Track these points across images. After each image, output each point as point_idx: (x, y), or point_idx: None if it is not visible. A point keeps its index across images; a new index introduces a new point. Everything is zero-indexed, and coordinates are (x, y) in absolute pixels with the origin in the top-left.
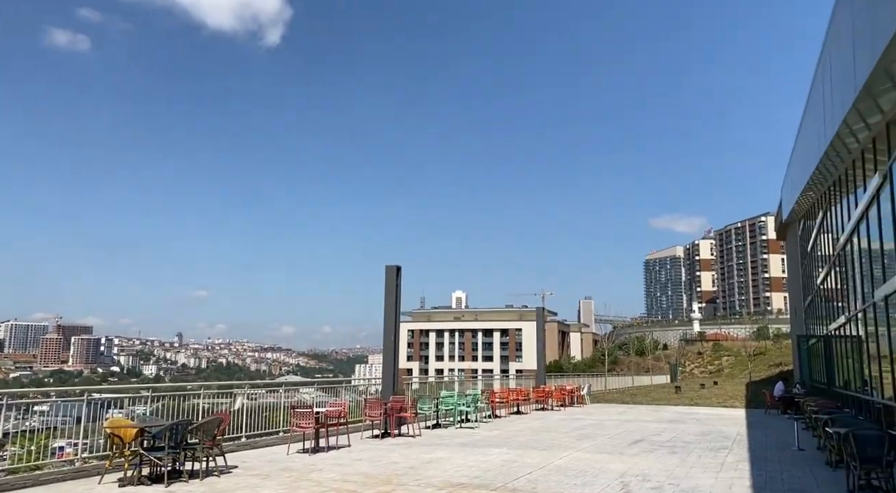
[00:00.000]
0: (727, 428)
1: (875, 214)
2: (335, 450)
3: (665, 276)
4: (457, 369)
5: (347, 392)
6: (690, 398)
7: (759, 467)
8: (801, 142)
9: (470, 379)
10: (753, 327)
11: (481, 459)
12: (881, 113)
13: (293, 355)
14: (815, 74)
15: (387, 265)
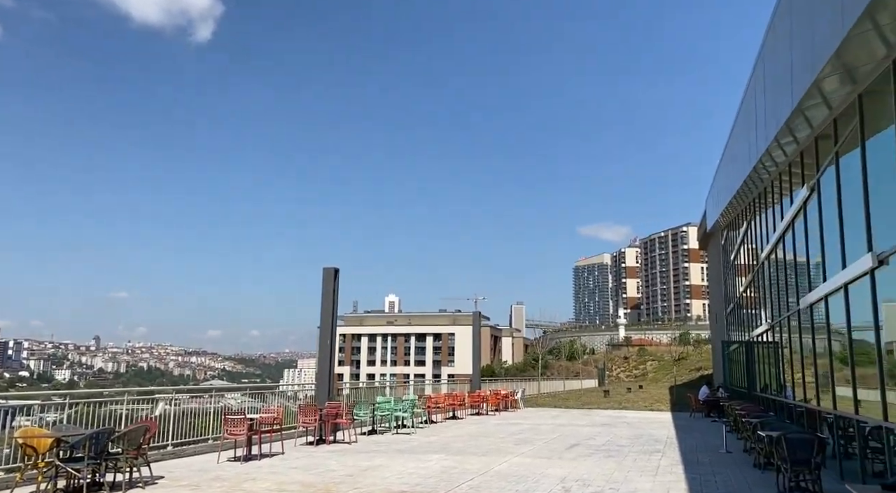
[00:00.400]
0: (657, 432)
1: (801, 226)
2: (269, 458)
3: (593, 282)
4: (389, 374)
5: (276, 398)
6: (619, 402)
7: (693, 469)
8: (728, 155)
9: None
10: (675, 332)
11: (421, 466)
12: (811, 128)
13: (219, 360)
14: (746, 89)
15: (324, 267)
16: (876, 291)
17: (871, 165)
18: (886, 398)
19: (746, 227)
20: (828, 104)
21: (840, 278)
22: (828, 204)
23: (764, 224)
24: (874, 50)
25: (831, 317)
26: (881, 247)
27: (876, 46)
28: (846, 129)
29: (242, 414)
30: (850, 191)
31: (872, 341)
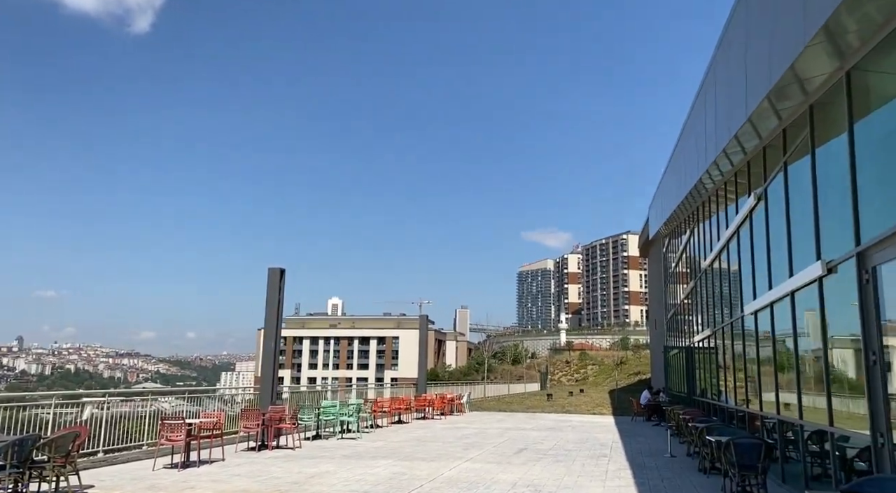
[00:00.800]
0: (602, 435)
1: (747, 234)
2: (208, 464)
3: (536, 287)
4: (331, 377)
5: (214, 402)
6: (562, 406)
7: (640, 474)
8: (673, 164)
9: (344, 387)
10: (615, 337)
11: (369, 472)
12: (759, 139)
13: (152, 362)
14: (695, 100)
15: (270, 268)
16: (824, 299)
17: (820, 175)
18: (832, 404)
19: (689, 235)
20: (778, 116)
21: (787, 285)
22: (775, 213)
23: (707, 232)
24: (828, 63)
25: (776, 324)
26: (830, 255)
27: (830, 60)
28: (795, 139)
29: (181, 419)
30: (799, 200)
31: (816, 348)
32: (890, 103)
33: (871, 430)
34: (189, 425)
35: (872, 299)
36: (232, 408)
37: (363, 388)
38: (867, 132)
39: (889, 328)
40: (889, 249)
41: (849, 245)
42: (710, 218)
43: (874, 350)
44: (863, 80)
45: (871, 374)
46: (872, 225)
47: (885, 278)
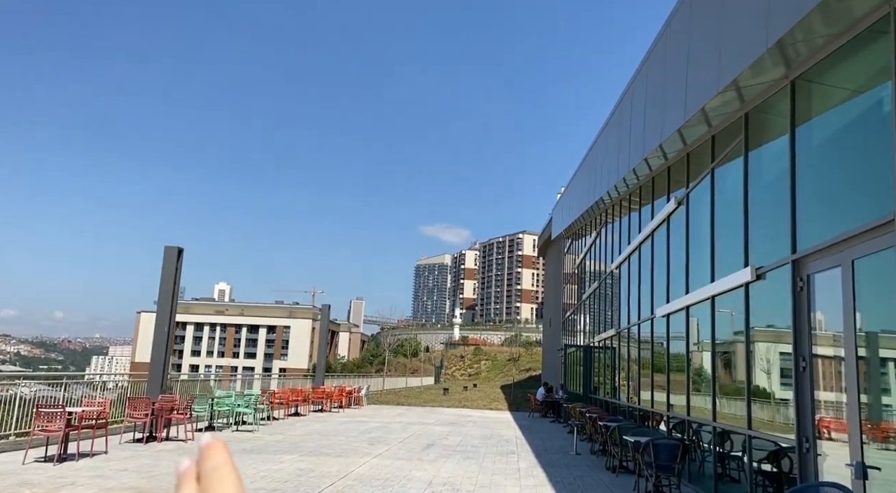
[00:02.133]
0: (504, 432)
1: (663, 238)
2: (89, 458)
3: (433, 281)
4: (215, 365)
5: (80, 388)
6: (459, 401)
7: (552, 473)
8: (586, 166)
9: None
10: (507, 334)
11: (273, 468)
12: (684, 144)
13: (12, 342)
14: (618, 103)
15: (166, 246)
16: (749, 305)
17: (752, 182)
18: (751, 406)
19: (595, 236)
20: (709, 123)
21: (708, 290)
22: (697, 218)
23: (616, 235)
24: (774, 71)
25: (692, 327)
26: (758, 262)
27: (777, 69)
28: (725, 146)
29: (61, 407)
30: (725, 206)
31: (734, 353)
32: (828, 113)
33: (797, 435)
34: (69, 414)
35: (805, 306)
36: (103, 395)
37: (249, 377)
38: (807, 140)
39: (818, 337)
40: (827, 257)
41: (781, 253)
42: (620, 221)
43: (804, 357)
44: (806, 90)
45: (800, 380)
46: (809, 233)
47: (819, 287)
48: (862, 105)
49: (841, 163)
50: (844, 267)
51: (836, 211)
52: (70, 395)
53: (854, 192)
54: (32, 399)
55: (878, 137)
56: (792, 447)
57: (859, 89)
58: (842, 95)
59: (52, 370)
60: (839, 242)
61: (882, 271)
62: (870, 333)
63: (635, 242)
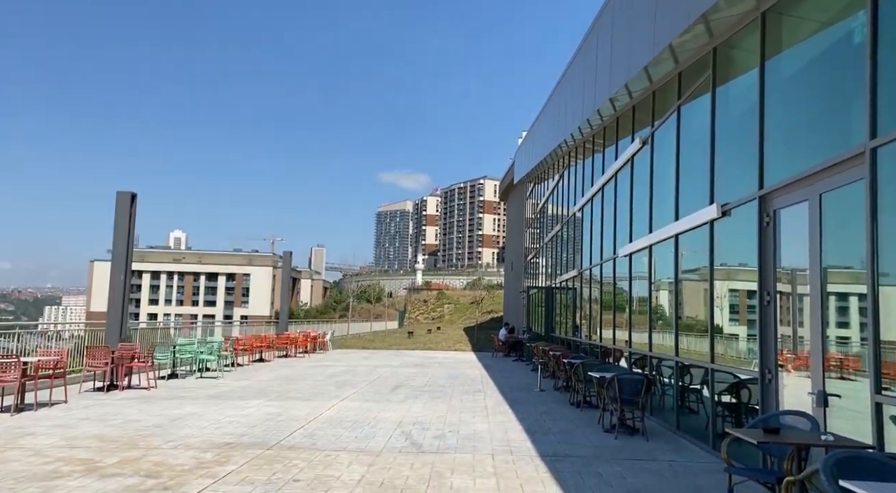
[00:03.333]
0: (469, 372)
1: (626, 178)
2: (48, 408)
3: (395, 228)
4: (174, 314)
5: (34, 338)
6: (423, 343)
7: (519, 409)
8: (549, 111)
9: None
10: (468, 278)
11: (240, 413)
12: (650, 82)
13: None
14: (580, 47)
15: (119, 192)
16: (714, 242)
17: (719, 118)
18: (714, 341)
19: (559, 179)
20: (676, 59)
21: (672, 228)
22: (662, 157)
23: (578, 177)
24: (746, 3)
25: (655, 266)
26: (724, 199)
27: (749, 0)
28: (691, 83)
29: (15, 357)
30: (690, 144)
31: (697, 290)
32: (798, 46)
33: (759, 367)
34: (25, 364)
35: (771, 242)
36: (59, 345)
37: (209, 325)
38: (776, 74)
39: (782, 273)
40: (794, 192)
41: (748, 189)
42: (583, 163)
43: (769, 291)
44: (776, 22)
45: (764, 314)
46: (777, 169)
47: (784, 221)
48: (833, 37)
49: (811, 97)
50: (812, 201)
51: (805, 146)
52: (23, 346)
53: (824, 126)
54: None
55: (849, 69)
56: (752, 379)
57: (830, 21)
58: (812, 27)
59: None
60: (808, 177)
61: (850, 204)
62: (833, 267)
63: (598, 183)
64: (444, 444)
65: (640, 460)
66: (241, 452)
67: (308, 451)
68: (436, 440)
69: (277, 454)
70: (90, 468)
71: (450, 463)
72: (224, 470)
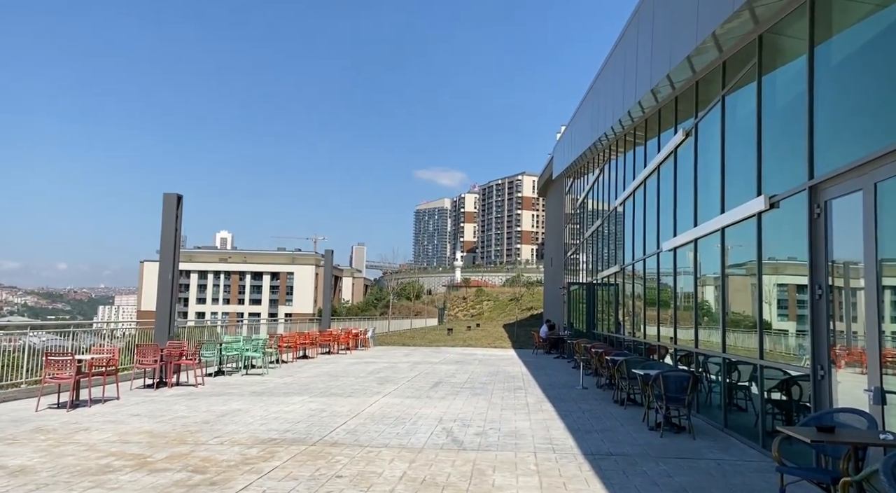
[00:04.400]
0: (510, 368)
1: (669, 171)
2: (101, 404)
3: (433, 226)
4: (221, 312)
5: (89, 336)
6: (463, 340)
7: (561, 407)
8: (588, 104)
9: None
10: (507, 275)
11: (285, 409)
12: (692, 72)
13: (18, 294)
14: (619, 39)
15: (165, 194)
16: (761, 234)
17: (766, 108)
18: (763, 337)
19: (599, 173)
20: (720, 48)
21: (717, 222)
22: (707, 148)
23: (619, 171)
24: None
25: (701, 259)
26: (772, 190)
27: None
28: (736, 71)
29: (70, 355)
30: (736, 134)
31: (746, 284)
32: (849, 30)
33: (811, 363)
34: (79, 361)
35: (822, 233)
36: (111, 343)
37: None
38: (826, 60)
39: (834, 266)
40: (847, 182)
41: (797, 180)
42: (625, 156)
43: (820, 284)
44: (825, 6)
45: (815, 309)
46: (827, 158)
47: (836, 212)
48: (888, 18)
49: (864, 82)
50: (866, 191)
51: (859, 133)
52: (79, 344)
53: (879, 112)
54: (42, 348)
55: None
56: (803, 376)
57: (884, 2)
58: (865, 9)
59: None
60: (862, 165)
61: None
62: (889, 259)
63: (640, 177)
64: (486, 441)
65: (687, 458)
66: (285, 448)
67: (350, 447)
68: (477, 437)
69: (321, 451)
70: (141, 463)
71: (491, 461)
72: (269, 466)
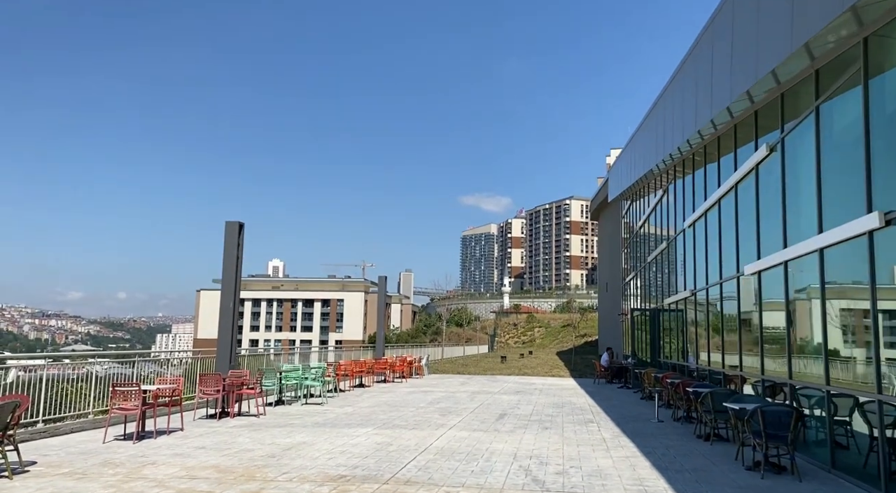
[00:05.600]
0: (575, 400)
1: (750, 189)
2: (166, 435)
3: (480, 251)
4: (273, 339)
5: (148, 365)
6: (518, 368)
7: (641, 443)
8: (650, 124)
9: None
10: (557, 301)
11: (350, 442)
12: (777, 84)
13: (82, 323)
14: (690, 52)
15: (227, 222)
16: (874, 254)
17: (874, 116)
18: (880, 367)
19: (662, 194)
20: (811, 55)
21: (814, 242)
22: (798, 163)
23: (687, 191)
24: None
25: (791, 284)
26: (887, 206)
27: None
28: (832, 79)
29: (136, 385)
30: (834, 146)
31: (852, 308)
32: None
33: None
34: (145, 392)
35: None
36: (169, 371)
37: (322, 351)
38: None
39: None
40: None
41: None
42: (694, 176)
43: None
44: None
45: None
46: None
47: None
48: None
49: None
50: None
51: None
52: (139, 372)
53: None
54: (105, 377)
55: None
56: None
57: None
58: None
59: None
60: None
61: None
62: None
63: (713, 197)
64: (569, 481)
65: None
66: (357, 486)
67: (426, 486)
68: (558, 477)
69: (395, 490)
70: None
71: None
72: None
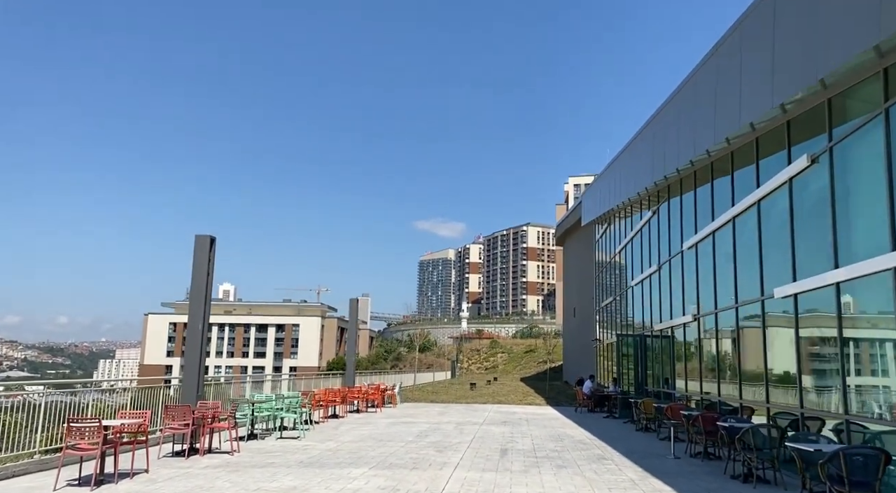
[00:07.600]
0: (569, 431)
1: (778, 205)
2: (128, 479)
3: (437, 276)
4: (224, 366)
5: (89, 393)
6: (490, 396)
7: (675, 485)
8: (639, 148)
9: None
10: (516, 326)
11: (349, 487)
12: (824, 88)
13: (19, 348)
14: (691, 74)
15: (197, 236)
16: None
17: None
18: None
19: (651, 215)
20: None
21: (879, 262)
22: (848, 174)
23: (689, 210)
24: None
25: (844, 308)
26: None
27: None
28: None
29: (96, 420)
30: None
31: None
32: None
33: None
34: (106, 428)
35: None
36: (111, 399)
37: (259, 377)
38: None
39: None
40: None
41: None
42: (695, 194)
43: None
44: None
45: None
46: None
47: None
48: None
49: None
50: None
51: None
52: (79, 400)
53: None
54: (55, 408)
55: None
56: None
57: None
58: None
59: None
60: None
61: None
62: None
63: (725, 216)
64: None
65: None
66: None
67: None
68: None
69: None
70: None
71: None
72: None
